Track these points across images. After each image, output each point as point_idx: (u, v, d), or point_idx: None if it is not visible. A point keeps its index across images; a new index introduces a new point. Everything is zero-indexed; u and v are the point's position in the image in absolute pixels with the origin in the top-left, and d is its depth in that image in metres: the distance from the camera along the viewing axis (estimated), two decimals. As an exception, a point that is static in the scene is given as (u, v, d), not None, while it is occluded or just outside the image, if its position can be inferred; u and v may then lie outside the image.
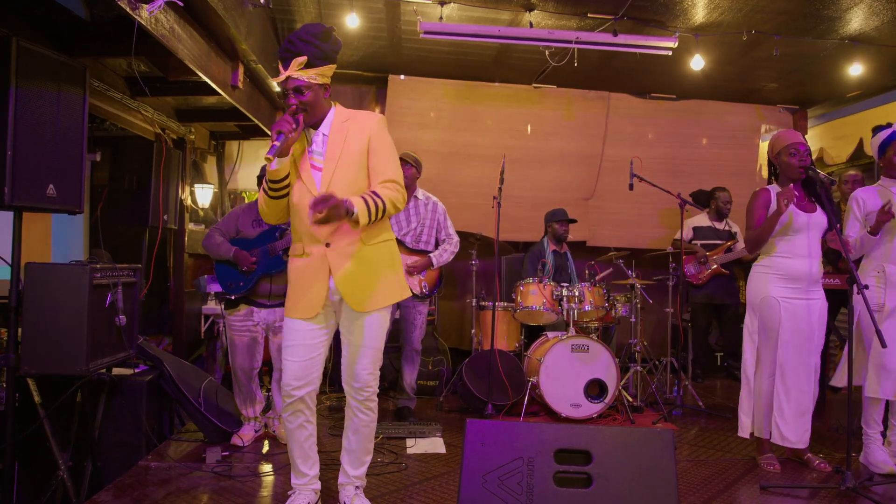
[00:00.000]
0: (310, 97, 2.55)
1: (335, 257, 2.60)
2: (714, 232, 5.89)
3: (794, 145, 3.39)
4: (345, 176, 2.59)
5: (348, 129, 2.63)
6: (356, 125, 2.64)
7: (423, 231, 4.49)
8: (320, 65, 2.55)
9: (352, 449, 2.80)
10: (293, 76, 2.52)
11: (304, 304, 2.64)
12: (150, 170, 4.58)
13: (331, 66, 2.59)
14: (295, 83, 2.53)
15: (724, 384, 5.95)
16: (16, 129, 2.72)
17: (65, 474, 3.05)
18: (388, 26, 4.96)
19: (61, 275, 2.99)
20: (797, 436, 3.38)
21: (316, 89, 2.56)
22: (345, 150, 2.60)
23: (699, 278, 5.81)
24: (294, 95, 2.54)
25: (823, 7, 4.41)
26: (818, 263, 3.43)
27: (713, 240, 5.86)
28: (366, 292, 2.64)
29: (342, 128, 2.63)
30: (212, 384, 4.08)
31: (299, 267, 2.67)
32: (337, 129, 2.63)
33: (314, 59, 2.53)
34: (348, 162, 2.60)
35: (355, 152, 2.60)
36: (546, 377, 4.32)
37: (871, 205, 3.52)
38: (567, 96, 6.38)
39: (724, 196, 5.88)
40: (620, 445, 2.39)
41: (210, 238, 3.82)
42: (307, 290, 2.63)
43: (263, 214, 2.71)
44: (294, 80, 2.53)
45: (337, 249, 2.60)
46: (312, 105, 2.57)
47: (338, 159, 2.59)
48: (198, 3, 3.46)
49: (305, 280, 2.64)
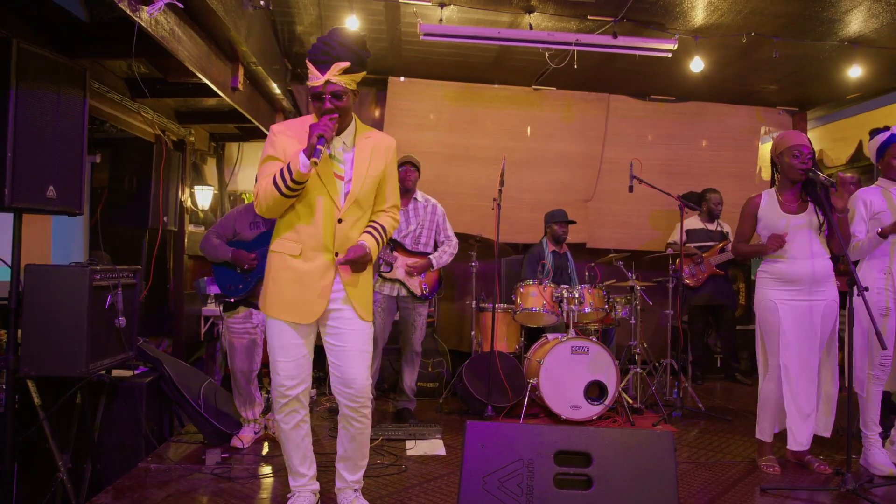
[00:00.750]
0: (346, 103, 2.54)
1: (345, 267, 2.62)
2: (707, 233, 5.90)
3: (798, 147, 3.37)
4: (366, 196, 2.67)
5: (371, 148, 2.66)
6: (378, 148, 2.68)
7: (423, 233, 4.49)
8: (358, 72, 2.55)
9: (348, 456, 2.78)
10: (332, 80, 2.49)
11: (304, 309, 2.61)
12: (150, 171, 4.58)
13: (363, 73, 2.60)
14: (334, 88, 2.50)
15: (723, 386, 5.95)
16: (16, 131, 2.72)
17: (64, 476, 3.04)
18: (388, 28, 4.97)
19: (61, 276, 2.99)
20: (805, 439, 3.38)
21: (350, 95, 2.56)
22: (369, 171, 2.65)
23: (696, 280, 5.81)
24: (331, 100, 2.51)
25: (823, 9, 4.42)
26: (822, 262, 3.38)
27: (706, 241, 5.87)
28: (368, 302, 2.71)
29: (366, 145, 2.66)
30: (211, 386, 4.07)
31: (297, 270, 2.60)
32: (362, 146, 2.65)
33: (355, 66, 2.52)
34: (371, 183, 2.66)
35: (375, 175, 2.67)
36: (546, 379, 4.31)
37: (877, 205, 3.51)
38: (567, 98, 6.38)
39: (714, 197, 5.91)
40: (620, 447, 2.39)
41: (207, 241, 3.81)
42: (307, 296, 2.60)
43: (267, 210, 2.59)
44: (333, 84, 2.50)
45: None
46: (345, 111, 2.56)
47: (363, 178, 2.63)
48: (198, 4, 3.46)
49: (309, 287, 2.60)
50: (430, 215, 4.52)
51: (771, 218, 3.43)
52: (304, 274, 2.60)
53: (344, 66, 2.48)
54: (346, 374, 2.63)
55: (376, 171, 2.66)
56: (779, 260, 3.42)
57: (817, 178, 3.27)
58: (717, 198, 5.91)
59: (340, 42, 2.51)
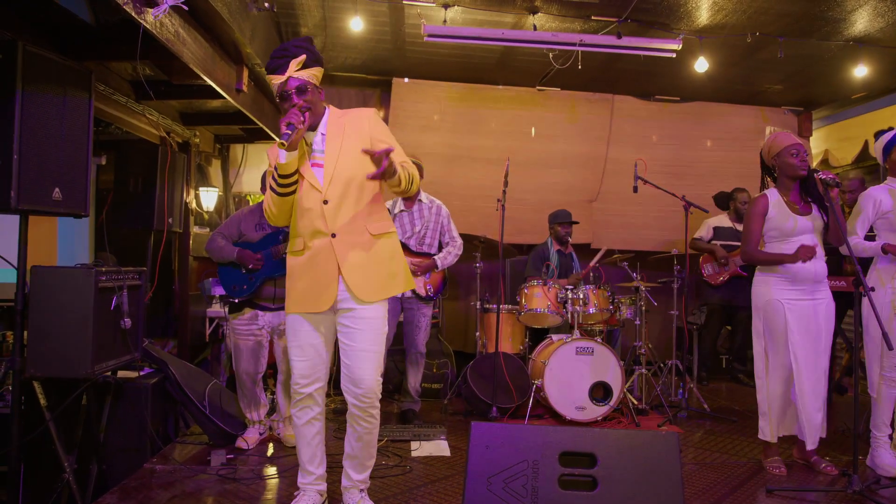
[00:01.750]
0: (311, 97, 2.61)
1: (341, 247, 2.62)
2: (734, 233, 5.83)
3: (795, 145, 3.40)
4: (346, 169, 2.63)
5: (344, 124, 2.69)
6: (352, 121, 2.70)
7: (427, 234, 4.49)
8: (315, 66, 2.63)
9: (355, 455, 2.79)
10: (294, 76, 2.58)
11: (313, 297, 2.63)
12: (155, 173, 4.59)
13: (322, 69, 2.69)
14: (297, 82, 2.58)
15: (729, 387, 5.93)
16: (22, 134, 2.73)
17: (70, 477, 3.05)
18: (392, 29, 4.97)
19: (67, 278, 2.99)
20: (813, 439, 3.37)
21: (314, 89, 2.64)
22: (344, 145, 2.65)
23: (717, 279, 5.77)
24: (297, 95, 2.58)
25: (828, 9, 4.40)
26: (822, 264, 3.41)
27: (733, 241, 5.81)
28: (372, 282, 2.66)
29: (338, 123, 2.70)
30: (216, 387, 4.08)
31: (303, 262, 2.66)
32: (334, 126, 2.69)
33: (310, 60, 2.61)
34: (349, 156, 2.64)
35: (354, 148, 2.63)
36: (551, 380, 4.31)
37: (886, 205, 3.51)
38: (571, 99, 6.38)
39: (742, 197, 5.84)
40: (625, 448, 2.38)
41: (213, 242, 3.82)
42: (317, 284, 2.63)
43: (271, 217, 2.70)
44: (296, 79, 2.58)
45: (343, 240, 2.62)
46: (313, 104, 2.62)
47: (338, 153, 2.64)
48: (203, 7, 3.47)
49: (315, 273, 2.63)
50: (435, 216, 4.52)
51: (779, 218, 3.42)
52: (310, 262, 2.65)
53: (301, 59, 2.58)
54: (355, 374, 2.65)
55: (354, 142, 2.63)
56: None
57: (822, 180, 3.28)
58: (745, 197, 5.82)
59: (294, 44, 2.63)
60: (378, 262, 2.68)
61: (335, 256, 2.61)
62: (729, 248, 5.80)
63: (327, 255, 2.62)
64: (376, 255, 2.67)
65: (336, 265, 2.62)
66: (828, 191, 3.27)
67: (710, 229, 5.86)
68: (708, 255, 5.81)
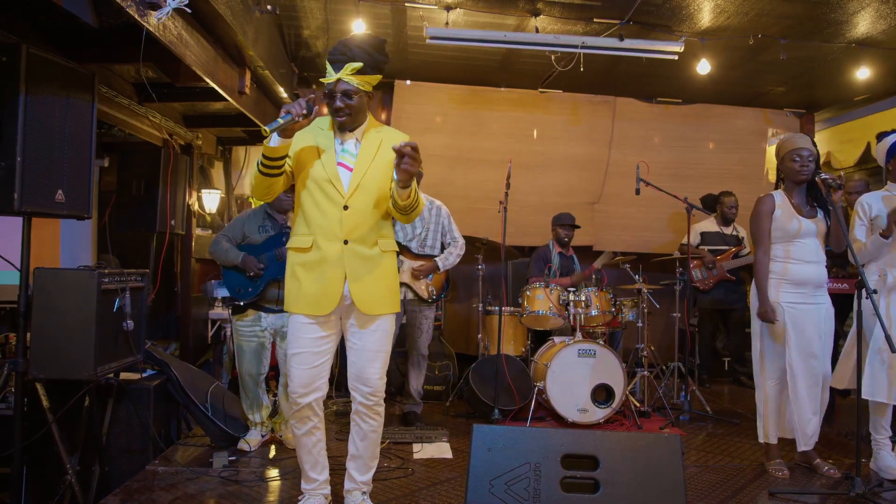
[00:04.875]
0: (355, 102, 2.61)
1: (351, 257, 2.62)
2: (721, 237, 5.87)
3: (798, 151, 3.41)
4: (373, 181, 2.65)
5: (381, 140, 2.70)
6: (388, 139, 2.70)
7: (428, 236, 4.49)
8: (371, 73, 2.60)
9: (359, 455, 2.80)
10: (344, 79, 2.56)
11: (316, 300, 2.63)
12: (158, 175, 4.59)
13: (378, 76, 2.65)
14: (345, 87, 2.57)
15: (731, 389, 5.92)
16: (25, 136, 2.73)
17: (73, 479, 3.05)
18: (394, 32, 4.98)
19: (70, 280, 3.00)
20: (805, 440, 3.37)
21: (362, 96, 2.63)
22: (376, 159, 2.67)
23: (706, 283, 5.79)
24: (341, 98, 2.58)
25: (830, 11, 4.40)
26: (823, 268, 3.43)
27: (720, 245, 5.83)
28: (375, 296, 2.67)
29: (376, 137, 2.71)
30: (219, 389, 4.09)
31: (310, 261, 2.65)
32: (371, 138, 2.70)
33: (367, 68, 2.58)
34: (377, 170, 2.66)
35: (384, 164, 2.66)
36: (553, 382, 4.31)
37: (876, 209, 3.51)
38: (573, 101, 6.38)
39: (728, 201, 5.86)
40: (628, 451, 2.38)
41: (217, 244, 3.84)
42: (322, 287, 2.63)
43: (252, 189, 2.71)
44: (344, 83, 2.57)
45: (353, 249, 2.63)
46: (356, 110, 2.63)
47: (369, 165, 2.65)
48: (205, 9, 3.47)
49: (321, 276, 2.63)
50: (436, 217, 4.52)
51: (784, 219, 3.43)
52: (318, 264, 2.64)
53: (356, 66, 2.55)
54: (361, 373, 2.68)
55: (385, 160, 2.66)
56: (790, 262, 3.42)
57: (824, 181, 3.28)
58: (731, 201, 5.85)
59: (357, 44, 2.58)
60: (381, 276, 2.69)
61: (343, 264, 2.62)
62: (716, 252, 5.80)
63: (336, 260, 2.62)
64: (381, 270, 2.69)
65: (343, 273, 2.62)
66: (830, 193, 3.28)
67: (696, 234, 5.86)
68: (697, 260, 5.80)
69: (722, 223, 5.90)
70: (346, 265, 2.62)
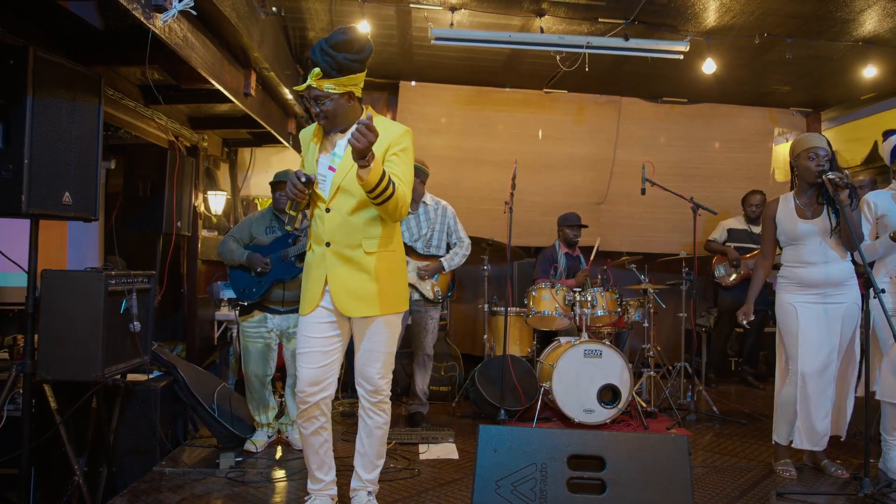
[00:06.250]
0: (329, 107, 2.57)
1: (331, 258, 2.65)
2: (749, 235, 5.80)
3: (814, 149, 3.37)
4: (353, 182, 2.52)
5: None
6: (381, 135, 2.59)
7: (434, 236, 4.49)
8: (336, 76, 2.51)
9: (364, 452, 2.81)
10: (313, 85, 2.55)
11: (307, 299, 2.71)
12: (164, 177, 4.61)
13: (350, 76, 2.55)
14: (315, 93, 2.57)
15: (738, 389, 5.90)
16: (32, 138, 2.75)
17: (80, 480, 3.07)
18: (399, 33, 4.98)
19: (77, 282, 3.01)
20: (812, 441, 3.35)
21: (335, 99, 2.56)
22: None
23: (728, 281, 5.74)
24: (316, 104, 2.59)
25: (836, 9, 4.39)
26: (838, 267, 3.35)
27: (747, 243, 5.77)
28: (353, 298, 2.63)
29: None
30: (225, 390, 4.09)
31: (307, 262, 2.76)
32: None
33: (329, 70, 2.49)
34: None
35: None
36: (559, 383, 4.30)
37: (882, 208, 3.49)
38: (578, 101, 6.37)
39: (752, 199, 5.82)
40: (634, 451, 2.37)
41: (224, 245, 3.88)
42: (308, 286, 2.72)
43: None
44: (315, 89, 2.56)
45: (335, 251, 2.64)
46: (333, 114, 2.59)
47: (350, 167, 2.53)
48: (211, 11, 3.48)
49: (309, 276, 2.72)
50: (441, 218, 4.52)
51: (786, 223, 3.44)
52: (309, 265, 2.74)
53: (316, 72, 2.50)
54: (362, 371, 2.73)
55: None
56: (795, 265, 3.41)
57: (832, 182, 3.25)
58: (755, 199, 5.79)
59: (321, 48, 2.50)
60: (366, 279, 2.63)
61: (325, 265, 2.65)
62: (742, 249, 5.77)
63: (319, 262, 2.67)
64: (366, 272, 2.63)
65: (324, 274, 2.65)
66: (838, 192, 3.24)
67: (724, 231, 5.85)
68: (720, 256, 5.78)
69: (749, 221, 5.85)
70: (328, 267, 2.64)
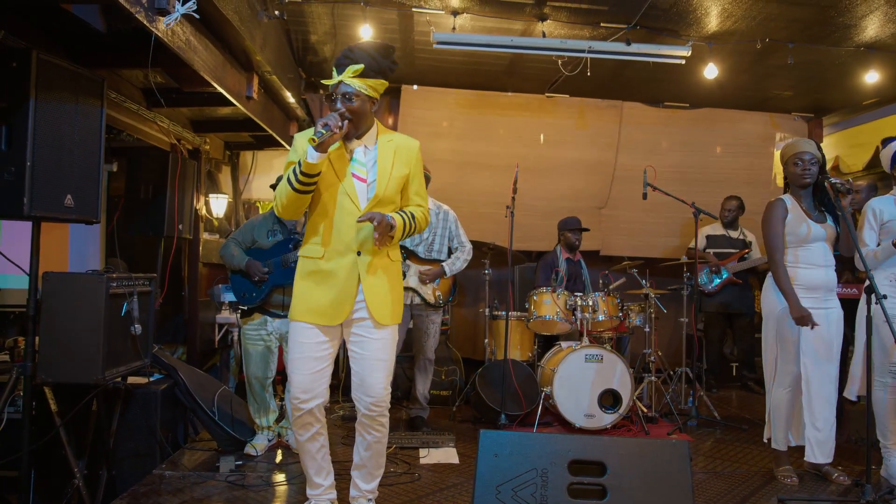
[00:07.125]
0: (357, 106, 2.57)
1: (365, 267, 2.62)
2: (728, 240, 5.85)
3: (799, 155, 3.41)
4: (390, 195, 2.66)
5: (395, 149, 2.69)
6: (402, 149, 2.70)
7: (435, 240, 4.49)
8: (374, 76, 2.57)
9: (363, 465, 2.78)
10: (345, 81, 2.54)
11: (326, 310, 2.62)
12: (166, 180, 4.61)
13: (383, 81, 2.62)
14: (345, 88, 2.55)
15: (739, 395, 5.89)
16: (35, 141, 2.75)
17: (80, 482, 3.06)
18: (401, 37, 4.99)
19: (78, 284, 3.01)
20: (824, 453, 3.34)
21: (364, 99, 2.59)
22: (393, 172, 2.66)
23: (710, 288, 5.77)
24: (342, 101, 2.56)
25: (838, 14, 4.39)
26: (833, 272, 3.42)
27: (726, 248, 5.82)
28: (387, 306, 2.67)
29: (389, 147, 2.69)
30: (226, 393, 4.09)
31: (322, 271, 2.62)
32: (385, 147, 2.68)
33: (369, 70, 2.54)
34: (395, 184, 2.67)
35: (399, 177, 2.68)
36: (560, 387, 4.29)
37: (888, 214, 3.48)
38: (580, 105, 6.37)
39: (727, 204, 5.89)
40: (635, 456, 2.37)
41: (226, 248, 3.89)
42: (335, 298, 2.61)
43: (282, 208, 2.62)
44: (345, 85, 2.55)
45: (366, 260, 2.62)
46: (358, 114, 2.59)
47: (388, 178, 2.64)
48: (214, 15, 3.49)
49: (334, 287, 2.61)
50: (443, 222, 4.52)
51: (795, 223, 3.42)
52: (329, 275, 2.62)
53: (357, 68, 2.53)
54: (365, 382, 2.65)
55: (400, 173, 2.68)
56: (800, 267, 3.40)
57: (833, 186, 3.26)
58: (729, 204, 5.87)
59: (361, 48, 2.58)
60: (392, 285, 2.70)
61: (358, 274, 2.62)
62: (722, 255, 5.79)
63: (350, 271, 2.61)
64: (391, 280, 2.70)
65: (357, 283, 2.62)
66: (839, 198, 3.26)
67: (702, 237, 5.85)
68: (701, 263, 5.78)
69: (726, 226, 5.89)
70: (361, 274, 2.62)
